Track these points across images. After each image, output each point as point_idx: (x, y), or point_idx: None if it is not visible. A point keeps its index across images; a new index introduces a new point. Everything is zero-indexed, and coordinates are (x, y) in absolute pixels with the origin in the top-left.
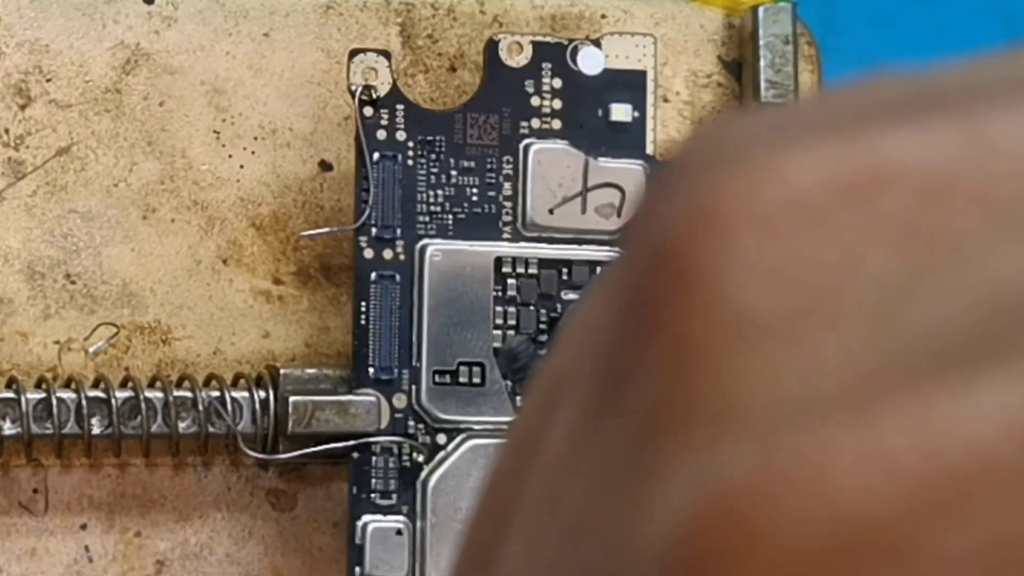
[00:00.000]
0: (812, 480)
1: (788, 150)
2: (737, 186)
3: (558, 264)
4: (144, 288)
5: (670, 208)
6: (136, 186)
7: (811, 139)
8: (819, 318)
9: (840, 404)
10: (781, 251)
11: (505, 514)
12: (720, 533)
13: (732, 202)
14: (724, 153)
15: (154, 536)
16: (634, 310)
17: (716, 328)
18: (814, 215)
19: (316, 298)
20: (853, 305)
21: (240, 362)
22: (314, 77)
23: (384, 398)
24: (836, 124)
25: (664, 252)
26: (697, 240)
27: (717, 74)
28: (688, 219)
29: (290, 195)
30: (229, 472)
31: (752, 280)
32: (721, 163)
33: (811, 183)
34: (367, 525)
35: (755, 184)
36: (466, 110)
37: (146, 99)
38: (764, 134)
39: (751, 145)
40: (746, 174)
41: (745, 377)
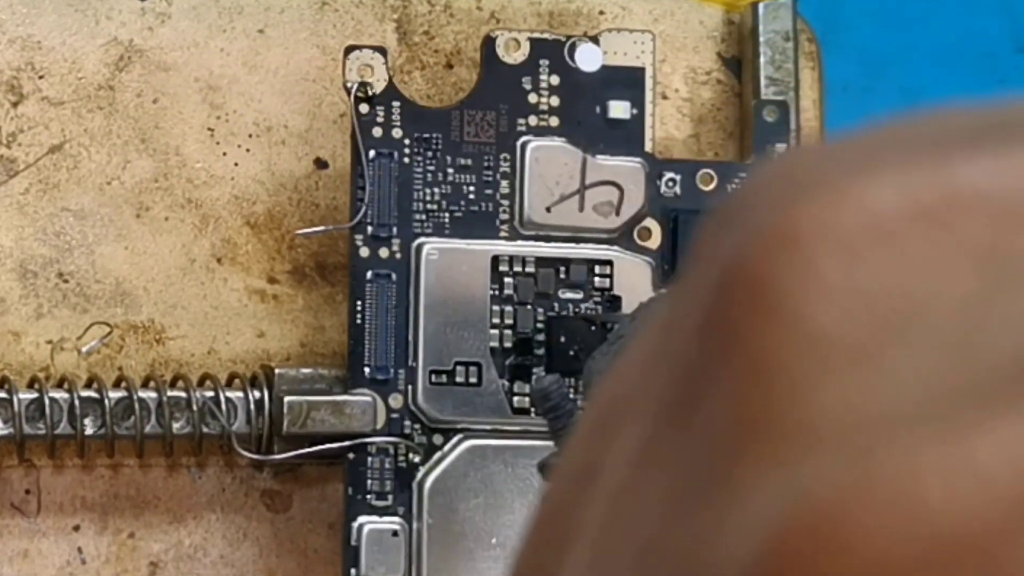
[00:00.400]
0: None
1: (865, 175)
2: (816, 210)
3: (556, 262)
4: (137, 287)
5: (745, 230)
6: (129, 184)
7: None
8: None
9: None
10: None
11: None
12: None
13: (811, 225)
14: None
15: (148, 537)
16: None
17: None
18: (893, 239)
19: (311, 297)
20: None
21: (235, 362)
22: (309, 74)
23: (380, 398)
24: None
25: (741, 272)
26: (776, 261)
27: (716, 71)
28: (766, 241)
29: (285, 193)
30: (223, 473)
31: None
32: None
33: (889, 208)
34: (363, 526)
35: (834, 208)
36: (463, 107)
37: (139, 96)
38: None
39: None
40: (824, 198)
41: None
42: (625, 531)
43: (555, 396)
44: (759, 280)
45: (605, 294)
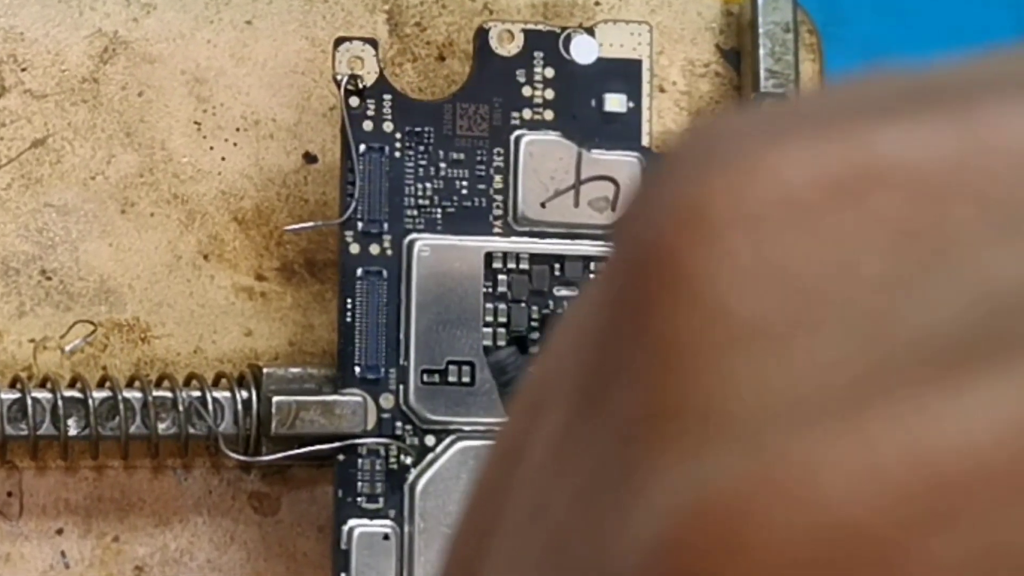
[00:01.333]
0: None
1: (778, 146)
2: (725, 184)
3: (550, 259)
4: (122, 284)
5: (658, 206)
6: (114, 179)
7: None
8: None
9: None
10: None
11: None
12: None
13: (720, 200)
14: (714, 150)
15: (132, 541)
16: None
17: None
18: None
19: (300, 295)
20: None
21: (222, 361)
22: (298, 66)
23: (371, 398)
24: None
25: (650, 251)
26: (684, 239)
27: (715, 63)
28: (675, 218)
29: (273, 188)
30: (210, 475)
31: (740, 281)
32: (710, 160)
33: (802, 181)
34: (353, 530)
35: (744, 182)
36: (455, 100)
37: (124, 89)
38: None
39: (741, 141)
40: (734, 171)
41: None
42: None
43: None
44: (668, 258)
45: None
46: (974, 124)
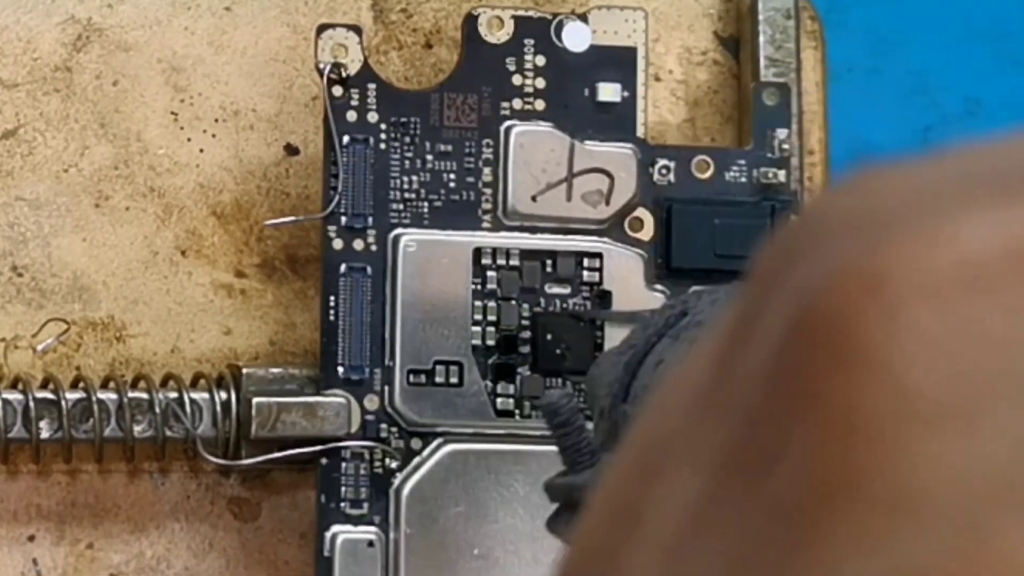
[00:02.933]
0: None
1: (956, 213)
2: (903, 251)
3: (541, 255)
4: (96, 281)
5: (822, 266)
6: (88, 172)
7: (979, 201)
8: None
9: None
10: (954, 324)
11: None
12: None
13: (899, 268)
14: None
15: (107, 548)
16: (780, 377)
17: (885, 404)
18: (988, 285)
19: (281, 292)
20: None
21: (200, 361)
22: (279, 54)
23: (354, 400)
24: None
25: (819, 315)
26: (861, 307)
27: (713, 51)
28: (848, 281)
29: (253, 181)
30: (188, 479)
31: (924, 355)
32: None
33: (986, 251)
34: (336, 536)
35: (925, 250)
36: (443, 90)
37: (98, 78)
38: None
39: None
40: (914, 238)
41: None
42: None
43: (565, 411)
44: (841, 326)
45: (594, 289)
46: None
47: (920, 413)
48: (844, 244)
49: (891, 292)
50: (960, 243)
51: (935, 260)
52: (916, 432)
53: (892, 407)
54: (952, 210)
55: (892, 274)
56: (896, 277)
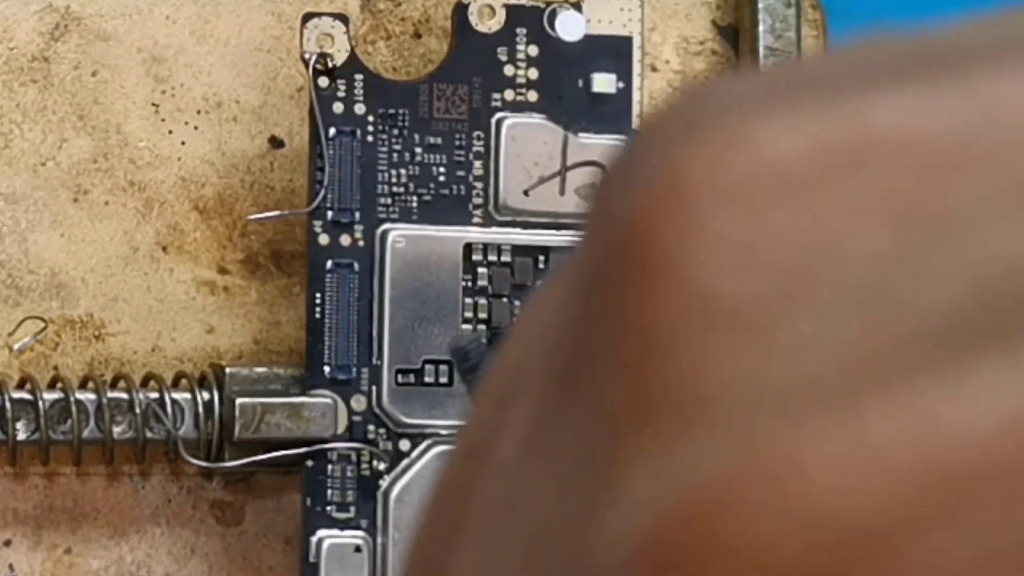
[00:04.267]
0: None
1: (764, 117)
2: (705, 157)
3: (534, 251)
4: (75, 278)
5: (634, 182)
6: (66, 165)
7: (791, 104)
8: (798, 302)
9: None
10: (755, 229)
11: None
12: (687, 539)
13: (699, 175)
14: (694, 120)
15: (86, 553)
16: (594, 295)
17: (682, 313)
18: (793, 189)
19: (266, 289)
20: (836, 288)
21: (181, 360)
22: (263, 44)
23: (341, 400)
24: (821, 88)
25: (626, 230)
26: (661, 217)
27: (711, 40)
28: (652, 194)
29: (237, 175)
30: (169, 482)
31: (722, 261)
32: (690, 131)
33: (789, 153)
34: (322, 541)
35: (725, 155)
36: (432, 81)
37: (77, 68)
38: (739, 98)
39: (722, 110)
40: (713, 142)
41: (715, 366)
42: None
43: (475, 355)
44: (643, 239)
45: None
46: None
47: (715, 320)
48: (654, 156)
49: (688, 199)
50: (762, 145)
51: (735, 163)
52: (710, 339)
53: (687, 316)
54: (758, 112)
55: (690, 180)
56: (696, 183)
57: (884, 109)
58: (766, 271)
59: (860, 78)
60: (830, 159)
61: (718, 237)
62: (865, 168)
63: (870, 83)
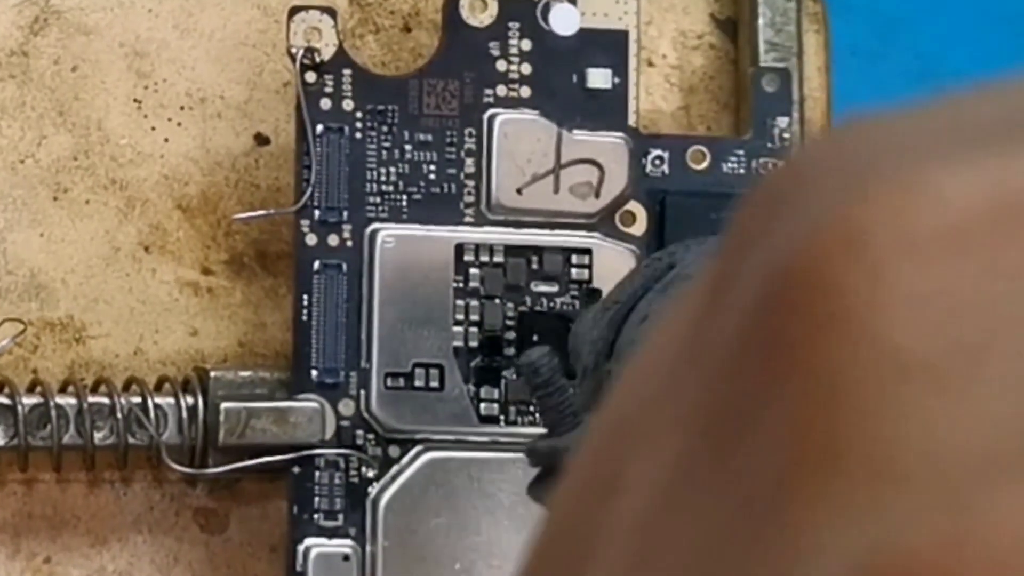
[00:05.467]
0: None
1: (941, 166)
2: (884, 205)
3: (527, 251)
4: (55, 279)
5: (798, 221)
6: (45, 163)
7: (966, 154)
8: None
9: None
10: (939, 283)
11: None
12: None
13: (880, 224)
14: (861, 164)
15: (66, 562)
16: (756, 337)
17: (865, 367)
18: (976, 242)
19: (251, 290)
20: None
21: (164, 363)
22: (249, 38)
23: (329, 404)
24: (991, 137)
25: (796, 272)
26: (838, 264)
27: (709, 34)
28: (826, 239)
29: (221, 173)
30: (152, 489)
31: (908, 315)
32: (860, 176)
33: (973, 205)
34: (309, 550)
35: (906, 204)
36: (422, 76)
37: (57, 63)
38: (907, 145)
39: (895, 157)
40: (894, 192)
41: (906, 425)
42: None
43: (546, 370)
44: (820, 285)
45: (583, 287)
46: None
47: (904, 376)
48: (824, 196)
49: (873, 249)
50: (946, 197)
51: (919, 215)
52: (900, 397)
53: (874, 370)
54: (938, 160)
55: (874, 229)
56: (878, 233)
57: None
58: (952, 328)
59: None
60: (1011, 211)
61: (903, 290)
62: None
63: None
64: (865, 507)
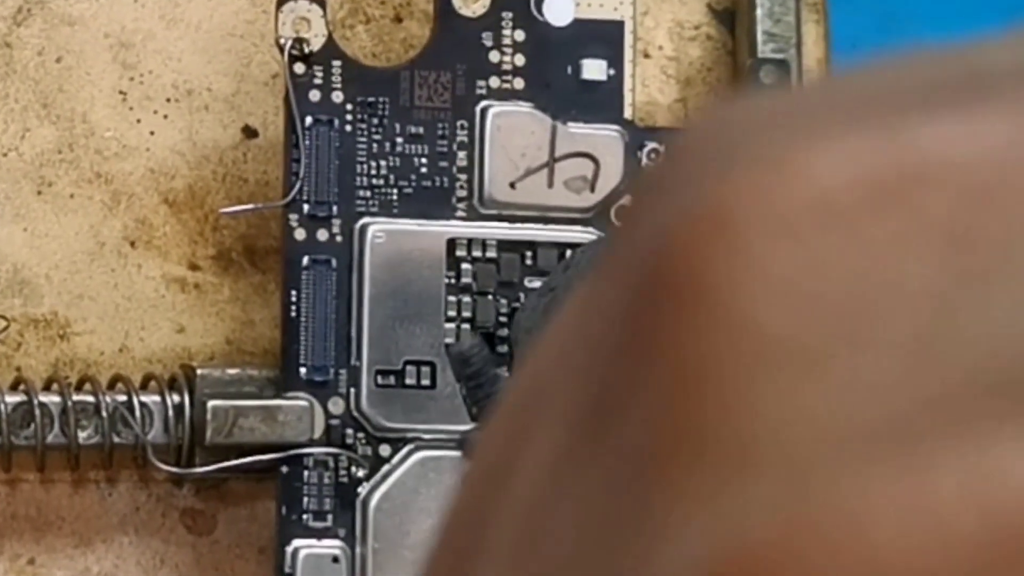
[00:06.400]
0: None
1: (810, 143)
2: (751, 185)
3: (521, 246)
4: (38, 275)
5: (670, 207)
6: (29, 156)
7: (836, 130)
8: (850, 340)
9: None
10: (804, 261)
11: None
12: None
13: (746, 203)
14: (733, 145)
15: (50, 564)
16: (628, 325)
17: (728, 350)
18: (843, 219)
19: (239, 286)
20: (890, 324)
21: (150, 361)
22: (236, 29)
23: (318, 403)
24: (865, 112)
25: (664, 259)
26: (705, 247)
27: (706, 25)
28: (693, 222)
29: (208, 166)
30: (137, 489)
31: (770, 294)
32: (730, 157)
33: (839, 182)
34: (298, 551)
35: (772, 183)
36: (413, 67)
37: (40, 54)
38: (782, 122)
39: (767, 135)
40: (761, 171)
41: (765, 408)
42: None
43: (476, 360)
44: (685, 269)
45: None
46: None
47: (764, 356)
48: (692, 181)
49: (737, 229)
50: (813, 175)
51: (785, 194)
52: (755, 376)
53: (735, 352)
54: (805, 139)
55: (739, 210)
56: (743, 213)
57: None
58: (818, 306)
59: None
60: (881, 188)
61: (768, 269)
62: (916, 198)
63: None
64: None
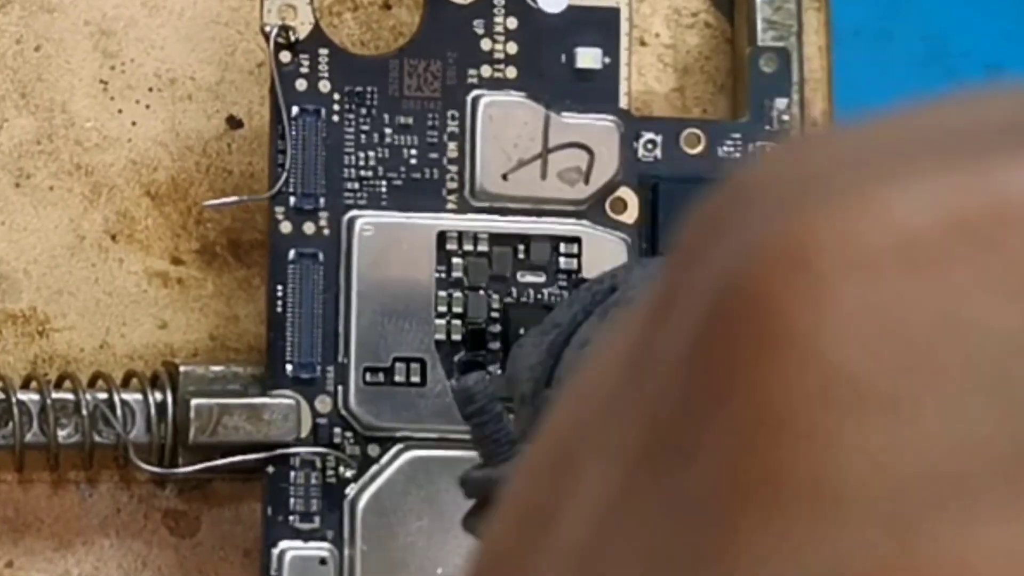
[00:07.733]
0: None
1: (892, 182)
2: (831, 222)
3: (513, 239)
4: (16, 269)
5: (743, 239)
6: (7, 147)
7: (918, 170)
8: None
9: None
10: (885, 303)
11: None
12: None
13: (826, 241)
14: (810, 179)
15: (28, 567)
16: (697, 361)
17: (811, 390)
18: (925, 260)
19: (223, 281)
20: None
21: (132, 358)
22: (220, 16)
23: (304, 401)
24: (947, 151)
25: (738, 298)
26: (783, 286)
27: (704, 12)
28: (771, 256)
29: (192, 158)
30: (119, 490)
31: (852, 335)
32: (809, 192)
33: (923, 222)
34: (284, 553)
35: (855, 221)
36: (403, 55)
37: (19, 43)
38: (857, 160)
39: (844, 172)
40: (841, 209)
41: (851, 451)
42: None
43: (481, 397)
44: (763, 305)
45: (572, 277)
46: None
47: (847, 400)
48: (769, 215)
49: (817, 268)
50: (893, 213)
51: (866, 232)
52: (842, 420)
53: (816, 393)
54: (886, 176)
55: (819, 248)
56: (823, 251)
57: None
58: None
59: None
60: (964, 230)
61: (850, 310)
62: (1001, 239)
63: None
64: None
